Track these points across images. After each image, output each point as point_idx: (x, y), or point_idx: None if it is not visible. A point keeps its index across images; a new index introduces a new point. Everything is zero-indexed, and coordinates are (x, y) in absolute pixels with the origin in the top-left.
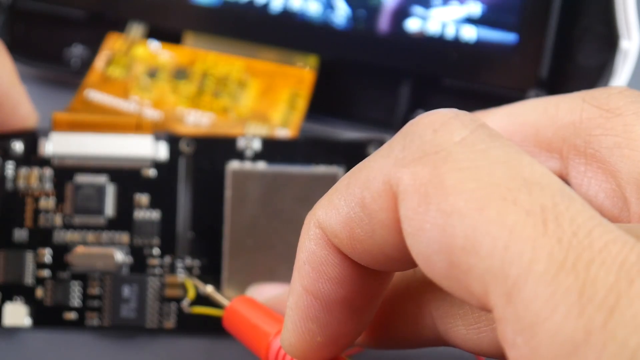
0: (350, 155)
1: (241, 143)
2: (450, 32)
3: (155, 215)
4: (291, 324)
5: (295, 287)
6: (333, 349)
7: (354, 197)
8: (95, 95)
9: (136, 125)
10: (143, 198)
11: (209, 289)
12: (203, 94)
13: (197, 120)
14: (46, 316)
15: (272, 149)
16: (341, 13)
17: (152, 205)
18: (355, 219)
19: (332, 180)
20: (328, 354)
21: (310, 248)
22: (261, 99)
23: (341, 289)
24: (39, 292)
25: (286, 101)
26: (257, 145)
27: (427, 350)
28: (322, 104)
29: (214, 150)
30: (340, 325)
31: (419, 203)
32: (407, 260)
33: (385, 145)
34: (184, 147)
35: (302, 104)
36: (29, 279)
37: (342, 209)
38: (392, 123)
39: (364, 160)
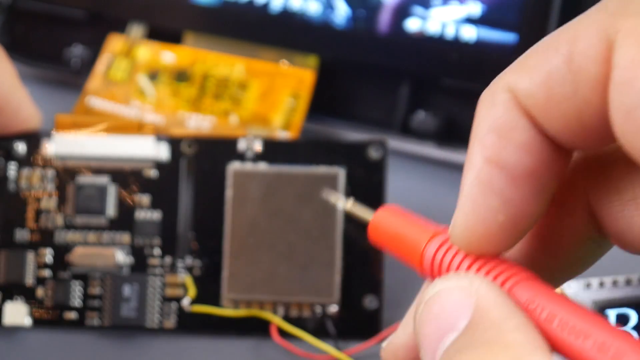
0: (351, 156)
1: (242, 144)
2: (450, 32)
3: (156, 215)
4: (469, 203)
5: (475, 160)
6: (512, 233)
7: (558, 53)
8: (96, 102)
9: (138, 127)
10: (144, 198)
11: (349, 204)
12: (204, 96)
13: (198, 124)
14: (47, 316)
15: (273, 150)
16: (341, 13)
17: (153, 205)
18: (557, 78)
19: (332, 180)
20: (506, 240)
21: (496, 114)
22: (262, 101)
23: (529, 158)
24: (40, 292)
25: (287, 103)
26: (258, 146)
27: None
28: (322, 105)
29: (215, 151)
30: (523, 203)
31: (638, 51)
32: (598, 132)
33: (596, 5)
34: (185, 148)
35: (302, 105)
36: (29, 279)
37: (540, 68)
38: (392, 123)
39: (565, 25)
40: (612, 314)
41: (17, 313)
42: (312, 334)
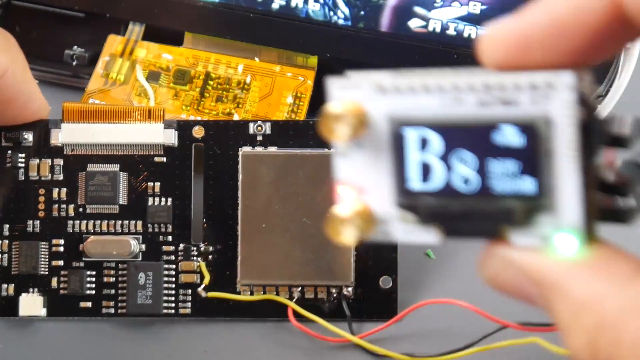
0: None
1: (252, 128)
2: (451, 32)
3: (168, 202)
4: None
5: None
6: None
7: None
8: (96, 103)
9: (147, 114)
10: (156, 185)
11: None
12: (205, 99)
13: None
14: (61, 305)
15: (283, 133)
16: (342, 13)
17: (165, 192)
18: None
19: None
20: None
21: None
22: (263, 102)
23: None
24: (54, 282)
25: (288, 104)
26: (267, 129)
27: None
28: (323, 105)
29: (224, 136)
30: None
31: None
32: None
33: None
34: (194, 133)
35: (303, 105)
36: (43, 270)
37: None
38: None
39: None
40: (412, 136)
41: (33, 304)
42: (328, 316)
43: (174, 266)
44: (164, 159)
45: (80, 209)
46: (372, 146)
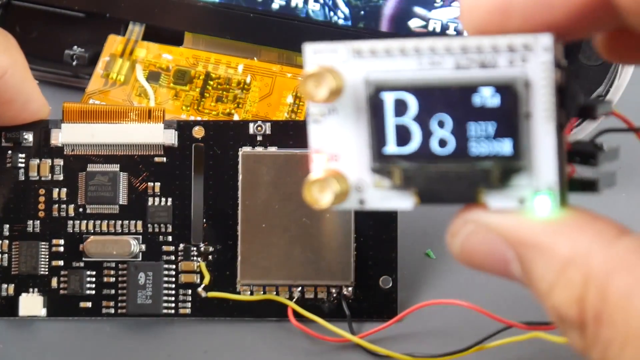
0: None
1: (252, 128)
2: (451, 33)
3: (168, 202)
4: None
5: None
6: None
7: None
8: (97, 104)
9: (147, 114)
10: (156, 186)
11: None
12: (205, 99)
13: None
14: (62, 305)
15: (283, 133)
16: (342, 13)
17: (165, 192)
18: None
19: None
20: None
21: None
22: (263, 103)
23: None
24: (54, 282)
25: (288, 104)
26: (267, 129)
27: None
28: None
29: (224, 136)
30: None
31: None
32: None
33: None
34: (194, 134)
35: (303, 106)
36: (43, 270)
37: None
38: None
39: None
40: (389, 99)
41: (33, 304)
42: (328, 317)
43: (174, 266)
44: (164, 159)
45: (80, 209)
46: (348, 111)
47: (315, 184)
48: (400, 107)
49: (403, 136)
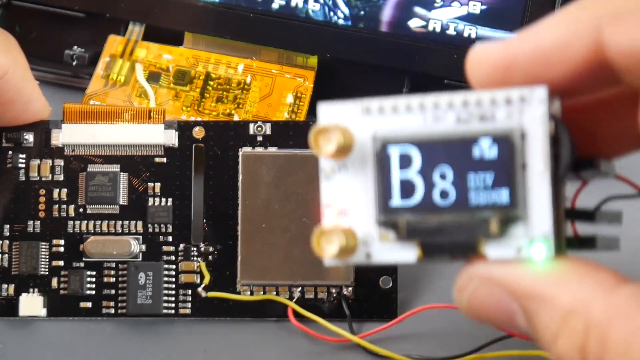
0: None
1: (252, 128)
2: (451, 33)
3: (168, 202)
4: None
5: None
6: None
7: None
8: (97, 105)
9: (147, 115)
10: (156, 186)
11: None
12: (205, 99)
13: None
14: (62, 305)
15: (283, 133)
16: (342, 13)
17: (165, 192)
18: None
19: None
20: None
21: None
22: (263, 103)
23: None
24: (54, 282)
25: (288, 104)
26: (267, 130)
27: None
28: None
29: (225, 137)
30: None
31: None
32: None
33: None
34: (195, 134)
35: (304, 105)
36: (43, 270)
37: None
38: None
39: None
40: (394, 153)
41: (33, 304)
42: (328, 317)
43: (174, 266)
44: (165, 160)
45: (81, 210)
46: (356, 167)
47: (323, 235)
48: (405, 161)
49: (407, 189)
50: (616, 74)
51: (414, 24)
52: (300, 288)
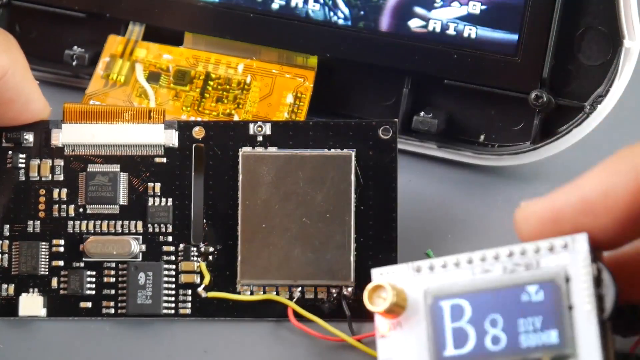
0: (361, 137)
1: (252, 128)
2: (451, 33)
3: (168, 202)
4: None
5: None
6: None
7: None
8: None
9: (147, 115)
10: (156, 186)
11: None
12: (205, 99)
13: None
14: (62, 306)
15: (283, 133)
16: (342, 13)
17: (165, 192)
18: None
19: (345, 162)
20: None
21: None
22: (263, 103)
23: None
24: (54, 282)
25: (288, 104)
26: (267, 130)
27: None
28: (323, 105)
29: (225, 137)
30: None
31: None
32: None
33: None
34: (195, 134)
35: (304, 105)
36: (43, 270)
37: None
38: None
39: None
40: (446, 306)
41: (33, 304)
42: (328, 317)
43: (174, 266)
44: (165, 160)
45: (81, 210)
46: (411, 323)
47: None
48: (457, 312)
49: (460, 338)
50: None
51: (414, 24)
52: (300, 288)
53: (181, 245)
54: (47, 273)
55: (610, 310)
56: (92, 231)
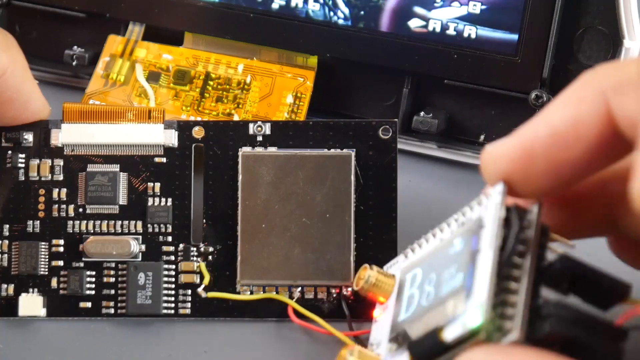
0: (361, 137)
1: (252, 128)
2: (451, 33)
3: (168, 202)
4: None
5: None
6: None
7: None
8: (97, 104)
9: (147, 115)
10: (156, 186)
11: None
12: (205, 99)
13: None
14: (61, 306)
15: (283, 133)
16: (342, 13)
17: (165, 192)
18: None
19: (345, 161)
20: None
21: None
22: (263, 103)
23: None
24: (54, 282)
25: (288, 104)
26: (267, 130)
27: None
28: (323, 105)
29: (224, 137)
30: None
31: None
32: None
33: None
34: (194, 134)
35: (304, 105)
36: (43, 270)
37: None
38: None
39: None
40: (408, 278)
41: (32, 304)
42: (327, 317)
43: (173, 266)
44: (164, 160)
45: (80, 209)
46: (392, 303)
47: None
48: (413, 281)
49: (410, 303)
50: (628, 142)
51: (414, 24)
52: (300, 288)
53: (181, 245)
54: (46, 273)
55: (511, 249)
56: (92, 231)
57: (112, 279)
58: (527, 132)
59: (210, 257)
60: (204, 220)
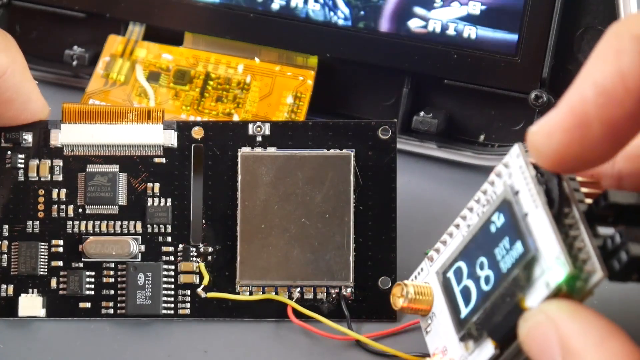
0: (360, 137)
1: (251, 129)
2: (451, 33)
3: (167, 202)
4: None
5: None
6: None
7: None
8: (97, 104)
9: (146, 115)
10: (155, 186)
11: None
12: (205, 99)
13: None
14: (61, 306)
15: (282, 134)
16: (342, 13)
17: (164, 193)
18: None
19: (344, 162)
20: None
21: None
22: (263, 103)
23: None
24: (53, 283)
25: (288, 104)
26: (266, 130)
27: None
28: (323, 105)
29: (224, 137)
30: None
31: None
32: None
33: None
34: (194, 134)
35: (303, 105)
36: (43, 270)
37: None
38: None
39: None
40: (451, 275)
41: (32, 304)
42: (327, 317)
43: (173, 267)
44: (164, 160)
45: (80, 210)
46: (439, 307)
47: None
48: (458, 275)
49: (466, 296)
50: None
51: (414, 24)
52: (299, 288)
53: (180, 246)
54: (46, 273)
55: (558, 199)
56: (92, 231)
57: (112, 280)
58: (574, 98)
59: (209, 258)
60: (204, 221)
